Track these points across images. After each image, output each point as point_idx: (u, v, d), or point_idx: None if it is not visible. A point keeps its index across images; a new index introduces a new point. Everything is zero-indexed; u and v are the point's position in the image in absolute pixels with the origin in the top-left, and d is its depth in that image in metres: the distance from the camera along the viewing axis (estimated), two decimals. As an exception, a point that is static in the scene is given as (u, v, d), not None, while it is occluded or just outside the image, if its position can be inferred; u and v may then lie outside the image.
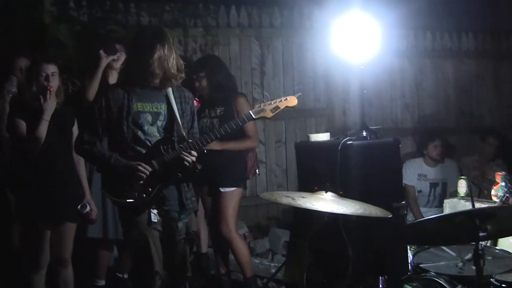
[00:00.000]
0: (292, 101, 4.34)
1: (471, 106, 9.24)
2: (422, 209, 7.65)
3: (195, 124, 4.48)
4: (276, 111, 4.31)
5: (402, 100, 8.94)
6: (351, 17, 5.06)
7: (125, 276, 5.89)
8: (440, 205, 7.23)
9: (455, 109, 9.15)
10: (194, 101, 4.70)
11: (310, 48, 8.20)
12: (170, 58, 4.17)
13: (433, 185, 7.83)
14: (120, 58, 5.66)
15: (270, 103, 4.29)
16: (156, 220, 4.20)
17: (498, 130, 8.34)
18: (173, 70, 4.20)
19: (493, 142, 8.02)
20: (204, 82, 5.74)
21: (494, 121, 9.05)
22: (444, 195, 7.57)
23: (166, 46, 4.15)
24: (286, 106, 4.35)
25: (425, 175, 7.83)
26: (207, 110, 5.73)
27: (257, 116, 4.29)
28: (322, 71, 8.25)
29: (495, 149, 7.99)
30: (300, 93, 4.40)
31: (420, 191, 7.84)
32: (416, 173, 7.83)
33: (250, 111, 4.31)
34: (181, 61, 4.31)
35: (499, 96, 9.20)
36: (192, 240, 4.32)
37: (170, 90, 4.29)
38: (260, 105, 4.32)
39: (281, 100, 4.32)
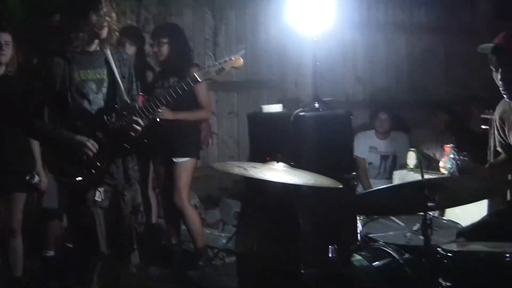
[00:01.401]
0: (237, 61, 4.23)
1: (422, 80, 9.30)
2: (372, 181, 7.73)
3: (134, 86, 4.39)
4: (222, 73, 4.22)
5: (354, 73, 8.98)
6: (306, -11, 5.05)
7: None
8: (390, 177, 7.34)
9: (407, 83, 9.22)
10: (140, 96, 4.62)
11: (264, 20, 8.15)
12: (111, 12, 4.10)
13: (384, 158, 7.92)
14: None
15: (215, 65, 4.18)
16: (100, 199, 4.14)
17: (448, 104, 8.45)
18: (114, 26, 4.15)
19: (441, 116, 8.14)
20: (165, 49, 5.73)
21: (445, 95, 9.15)
22: (394, 168, 7.68)
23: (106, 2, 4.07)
24: (232, 67, 4.26)
25: (376, 148, 7.91)
26: (160, 81, 5.73)
27: (203, 79, 4.17)
28: (276, 43, 8.22)
29: (444, 122, 8.12)
30: (243, 51, 4.33)
31: (370, 163, 7.93)
32: (367, 145, 7.90)
33: (195, 73, 4.17)
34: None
35: (450, 71, 9.29)
36: (137, 212, 4.30)
37: (109, 53, 4.19)
38: (205, 67, 4.21)
39: (226, 61, 4.18)
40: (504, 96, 3.75)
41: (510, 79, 3.63)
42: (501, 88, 3.69)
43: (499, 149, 4.14)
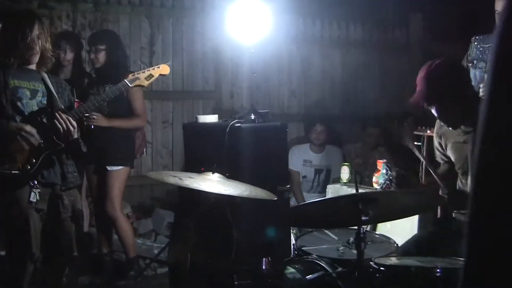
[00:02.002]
0: (165, 69, 4.45)
1: (356, 95, 9.43)
2: (306, 194, 7.77)
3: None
4: (151, 79, 4.39)
5: (289, 86, 9.04)
6: (243, 0, 5.08)
7: (2, 253, 5.72)
8: (323, 191, 7.37)
9: (340, 97, 9.32)
10: (75, 102, 4.62)
11: (201, 30, 8.16)
12: (45, 39, 4.13)
13: (318, 171, 7.97)
14: None
15: (144, 71, 4.37)
16: (35, 200, 4.03)
17: (378, 119, 8.55)
18: (49, 52, 4.18)
19: (372, 131, 8.25)
20: (102, 56, 5.70)
21: (377, 110, 9.26)
22: (327, 181, 7.73)
23: (41, 26, 4.14)
24: (160, 74, 4.43)
25: (311, 161, 7.96)
26: (95, 87, 5.67)
27: (132, 84, 4.32)
28: (212, 53, 8.25)
29: (376, 138, 8.22)
30: (169, 62, 4.52)
31: (304, 177, 7.96)
32: (302, 159, 7.94)
33: (125, 80, 4.33)
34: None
35: (383, 87, 9.42)
36: (78, 218, 4.24)
37: (45, 74, 4.22)
38: (134, 74, 4.36)
39: (153, 68, 4.41)
40: (445, 126, 3.87)
41: (446, 117, 3.74)
42: (440, 120, 3.81)
43: (439, 160, 4.24)
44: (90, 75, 5.95)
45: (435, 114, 3.77)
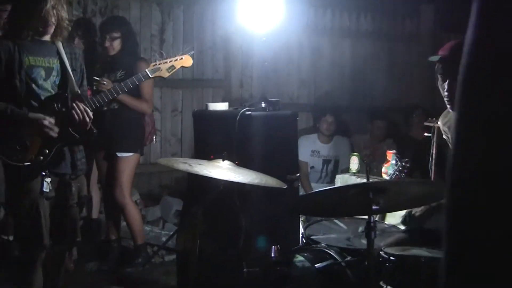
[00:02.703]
0: (188, 60, 4.33)
1: (365, 86, 9.41)
2: (314, 185, 7.75)
3: (85, 82, 4.32)
4: (172, 71, 4.28)
5: (299, 76, 9.03)
6: (255, -11, 5.07)
7: (10, 238, 5.72)
8: (332, 181, 7.39)
9: (349, 88, 9.29)
10: (87, 90, 4.58)
11: (211, 18, 8.15)
12: (61, 8, 4.03)
13: (326, 162, 7.95)
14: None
15: (166, 62, 4.25)
16: (47, 190, 4.01)
17: (385, 112, 8.54)
18: (65, 21, 4.07)
19: (379, 124, 8.23)
20: (117, 43, 5.68)
21: (386, 102, 9.24)
22: (336, 172, 7.71)
23: None
24: (182, 66, 4.33)
25: (319, 152, 7.94)
26: (106, 74, 5.63)
27: (153, 75, 4.24)
28: (222, 42, 8.25)
29: (383, 130, 8.21)
30: (193, 52, 4.39)
31: (312, 167, 7.95)
32: (310, 149, 7.92)
33: (147, 70, 4.24)
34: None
35: (392, 78, 9.40)
36: (83, 204, 4.22)
37: (60, 45, 4.12)
38: (156, 64, 4.25)
39: (176, 59, 4.29)
40: (448, 106, 3.79)
41: (454, 91, 3.67)
42: (445, 99, 3.73)
43: None
44: (101, 62, 5.88)
45: (445, 87, 3.71)
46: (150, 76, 4.21)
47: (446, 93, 3.69)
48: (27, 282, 4.19)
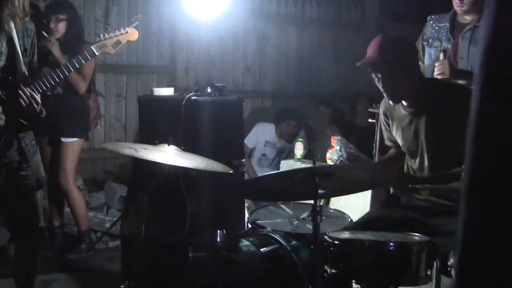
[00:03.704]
0: (133, 34, 4.22)
1: (310, 73, 9.47)
2: (264, 169, 7.73)
3: (35, 57, 4.07)
4: (118, 46, 4.16)
5: (245, 62, 9.03)
6: (200, -26, 5.04)
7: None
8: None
9: (295, 75, 9.35)
10: None
11: (156, 3, 8.08)
12: None
13: (280, 152, 7.97)
14: None
15: (111, 37, 4.11)
16: None
17: (330, 99, 8.60)
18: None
19: (324, 110, 8.31)
20: (62, 26, 5.59)
21: (331, 89, 9.32)
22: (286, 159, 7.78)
23: None
24: (128, 40, 4.23)
25: (274, 144, 7.94)
26: (51, 57, 5.50)
27: (99, 52, 4.10)
28: (167, 28, 8.20)
29: (328, 116, 8.27)
30: (137, 22, 4.30)
31: (264, 155, 7.96)
32: (264, 139, 7.92)
33: (92, 46, 4.08)
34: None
35: (337, 66, 9.48)
36: (42, 186, 4.08)
37: (12, 25, 3.80)
38: (101, 40, 4.13)
39: (121, 33, 4.14)
40: (388, 101, 3.84)
41: (389, 89, 3.71)
42: (384, 94, 3.78)
43: (388, 143, 4.24)
44: (45, 39, 5.71)
45: (380, 85, 3.75)
46: (97, 53, 4.08)
47: (382, 90, 3.74)
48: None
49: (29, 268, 4.33)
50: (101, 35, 4.16)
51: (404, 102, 3.80)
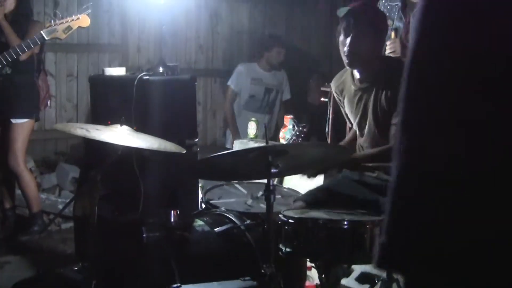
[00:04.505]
0: (85, 20, 4.26)
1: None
2: (252, 114, 7.75)
3: None
4: (69, 32, 4.19)
5: (197, 40, 9.00)
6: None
7: None
8: (271, 112, 7.80)
9: (247, 53, 9.34)
10: None
11: (107, -19, 8.00)
12: None
13: (268, 91, 8.04)
14: None
15: (62, 22, 4.15)
16: None
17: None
18: None
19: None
20: (10, 2, 5.40)
21: (285, 67, 9.32)
22: (275, 103, 7.98)
23: None
24: (79, 26, 4.24)
25: (261, 79, 8.00)
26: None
27: (49, 37, 4.14)
28: (118, 6, 8.10)
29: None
30: (89, 10, 4.30)
31: (253, 96, 8.00)
32: (250, 77, 7.96)
33: (42, 31, 4.13)
34: None
35: (290, 43, 9.47)
36: None
37: None
38: (52, 25, 4.14)
39: (73, 19, 4.21)
40: (345, 62, 3.85)
41: (356, 45, 3.74)
42: (344, 55, 3.79)
43: (348, 124, 4.30)
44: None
45: (345, 45, 3.78)
46: (46, 38, 4.12)
47: (346, 49, 3.76)
48: None
49: None
50: (51, 20, 4.16)
51: (357, 74, 3.85)
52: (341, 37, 3.79)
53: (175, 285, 3.15)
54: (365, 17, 3.74)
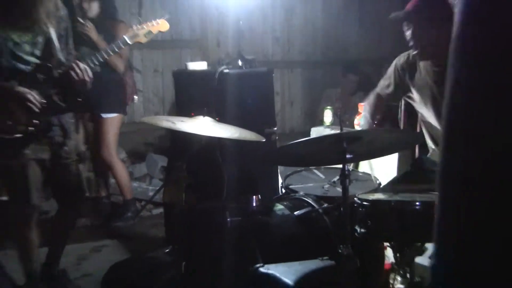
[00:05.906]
0: (164, 25, 4.42)
1: (337, 40, 9.53)
2: None
3: (70, 41, 4.28)
4: (150, 36, 4.35)
5: (273, 33, 9.17)
6: None
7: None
8: None
9: (322, 43, 9.43)
10: None
11: (187, -21, 8.23)
12: None
13: None
14: None
15: (143, 27, 4.33)
16: (30, 152, 4.04)
17: (358, 65, 8.72)
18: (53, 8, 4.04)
19: (352, 78, 8.42)
20: (95, 5, 5.73)
21: (357, 55, 9.39)
22: None
23: None
24: (159, 31, 4.43)
25: None
26: (85, 36, 5.64)
27: (132, 42, 4.31)
28: (198, 2, 8.35)
29: (355, 84, 8.40)
30: (168, 16, 4.49)
31: None
32: None
33: (125, 36, 4.28)
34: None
35: (363, 30, 9.52)
36: (81, 160, 4.28)
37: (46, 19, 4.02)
38: (134, 30, 4.33)
39: (153, 25, 4.37)
40: (416, 58, 3.96)
41: (419, 39, 3.85)
42: (411, 45, 3.91)
43: (378, 89, 4.52)
44: (82, 24, 5.87)
45: (410, 38, 3.89)
46: (130, 43, 4.29)
47: (414, 38, 3.87)
48: (22, 241, 4.35)
49: (63, 236, 4.61)
50: (134, 26, 4.37)
51: (430, 62, 3.94)
52: (405, 31, 3.91)
53: (258, 265, 3.26)
54: (419, 16, 3.81)
